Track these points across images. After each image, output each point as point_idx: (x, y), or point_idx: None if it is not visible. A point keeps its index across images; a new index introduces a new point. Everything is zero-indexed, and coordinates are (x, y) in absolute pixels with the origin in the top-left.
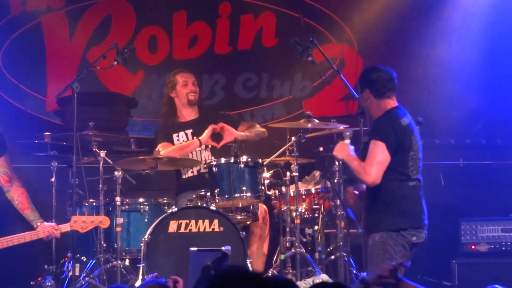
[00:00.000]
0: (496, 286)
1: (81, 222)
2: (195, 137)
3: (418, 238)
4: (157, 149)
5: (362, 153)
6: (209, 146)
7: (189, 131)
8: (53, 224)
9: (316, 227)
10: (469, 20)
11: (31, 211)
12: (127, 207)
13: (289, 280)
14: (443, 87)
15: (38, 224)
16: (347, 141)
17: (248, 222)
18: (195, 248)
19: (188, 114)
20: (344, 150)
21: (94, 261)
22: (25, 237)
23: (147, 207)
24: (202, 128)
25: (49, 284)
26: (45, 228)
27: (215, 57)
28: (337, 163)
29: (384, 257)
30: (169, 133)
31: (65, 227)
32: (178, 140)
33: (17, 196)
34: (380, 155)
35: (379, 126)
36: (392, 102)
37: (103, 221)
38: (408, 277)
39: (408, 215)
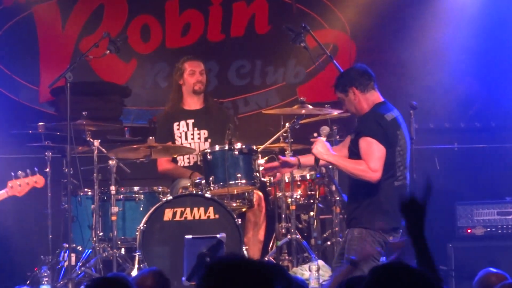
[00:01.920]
0: (491, 269)
1: (17, 186)
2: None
3: (395, 238)
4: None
5: (350, 150)
6: (208, 139)
7: (190, 121)
8: None
9: (311, 213)
10: (462, 3)
11: None
12: (122, 196)
13: (280, 266)
14: (436, 71)
15: None
16: (324, 138)
17: (244, 209)
18: (190, 236)
19: (193, 103)
20: (324, 149)
21: (90, 251)
22: None
23: (142, 196)
24: (204, 119)
25: (45, 274)
26: None
27: (208, 44)
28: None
29: (362, 253)
30: (170, 123)
31: (2, 195)
32: (178, 129)
33: None
34: (377, 150)
35: (364, 123)
36: (377, 95)
37: (37, 180)
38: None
39: (390, 216)
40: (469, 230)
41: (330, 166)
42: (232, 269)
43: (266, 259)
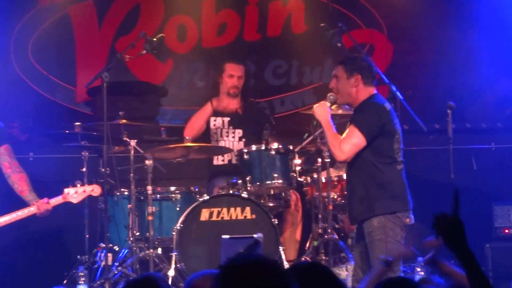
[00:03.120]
0: None
1: (74, 193)
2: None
3: (410, 220)
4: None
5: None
6: (243, 139)
7: (226, 119)
8: (45, 199)
9: None
10: (499, 3)
11: (29, 193)
12: (158, 196)
13: (323, 265)
14: (473, 71)
15: (34, 203)
16: (329, 103)
17: (280, 209)
18: (227, 236)
19: (228, 103)
20: (324, 111)
21: (126, 251)
22: (20, 214)
23: (179, 196)
24: (240, 118)
25: (82, 274)
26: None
27: (244, 44)
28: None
29: (387, 240)
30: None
31: (57, 200)
32: (214, 125)
33: (17, 181)
34: (356, 138)
35: (361, 114)
36: (373, 89)
37: (94, 189)
38: None
39: (399, 198)
40: (506, 231)
41: None
42: (246, 269)
43: (302, 259)
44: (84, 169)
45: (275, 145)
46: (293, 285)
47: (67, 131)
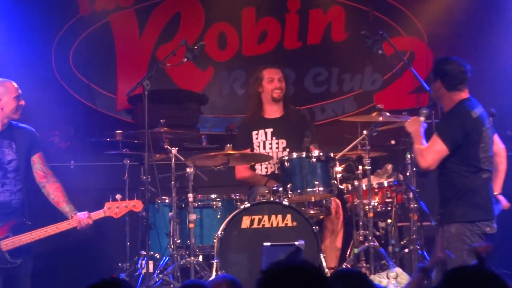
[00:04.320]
0: None
1: (115, 208)
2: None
3: (492, 229)
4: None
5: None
6: (287, 149)
7: (269, 130)
8: (85, 212)
9: (389, 221)
10: None
11: (66, 204)
12: (199, 203)
13: (362, 273)
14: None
15: (73, 215)
16: (422, 118)
17: (321, 217)
18: (269, 243)
19: (272, 111)
20: (416, 124)
21: (167, 258)
22: (60, 227)
23: (220, 203)
24: (283, 128)
25: None
26: (78, 218)
27: (284, 52)
28: (408, 155)
29: (462, 248)
30: (249, 131)
31: (99, 214)
32: (257, 138)
33: (52, 191)
34: (438, 146)
35: (444, 122)
36: (463, 94)
37: (136, 205)
38: None
39: (481, 207)
40: None
41: (409, 173)
42: (288, 274)
43: (344, 266)
44: (125, 177)
45: (316, 153)
46: None
47: (108, 139)
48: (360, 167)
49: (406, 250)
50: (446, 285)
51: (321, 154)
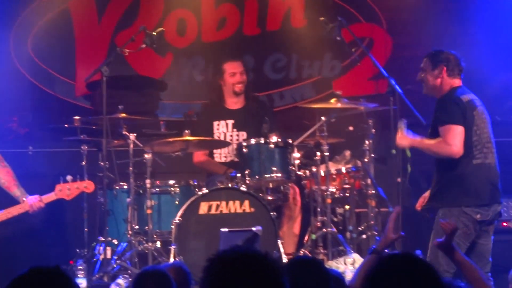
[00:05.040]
0: None
1: (66, 190)
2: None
3: (484, 215)
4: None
5: (432, 128)
6: (244, 135)
7: (230, 122)
8: (36, 196)
9: (347, 207)
10: None
11: (17, 188)
12: (157, 189)
13: (317, 260)
14: (472, 65)
15: (24, 199)
16: (404, 129)
17: (279, 203)
18: (226, 229)
19: (233, 103)
20: (406, 137)
21: (125, 244)
22: (11, 211)
23: (178, 189)
24: (244, 120)
25: (81, 267)
26: (30, 201)
27: (243, 38)
28: (367, 142)
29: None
30: (210, 120)
31: (50, 197)
32: (218, 129)
33: (3, 176)
34: (454, 129)
35: (443, 108)
36: (458, 82)
37: (87, 186)
38: None
39: (470, 194)
40: (505, 224)
41: (367, 160)
42: (234, 263)
43: (301, 252)
44: (83, 163)
45: (274, 139)
46: (283, 279)
47: (66, 125)
48: (318, 153)
49: (364, 236)
50: (377, 272)
51: (280, 140)
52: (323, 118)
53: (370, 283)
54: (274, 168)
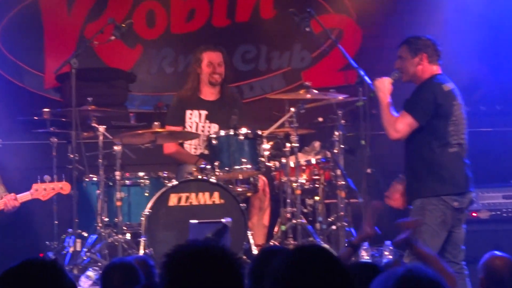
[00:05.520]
0: (496, 252)
1: (42, 190)
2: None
3: (461, 203)
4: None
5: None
6: (216, 127)
7: (203, 112)
8: (12, 194)
9: (316, 198)
10: None
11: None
12: (127, 181)
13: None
14: (442, 56)
15: (4, 197)
16: (392, 80)
17: (249, 194)
18: (196, 221)
19: (208, 93)
20: (385, 87)
21: (95, 236)
22: None
23: (148, 181)
24: (217, 112)
25: None
26: (4, 200)
27: (213, 30)
28: (336, 133)
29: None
30: (183, 109)
31: (26, 196)
32: (190, 118)
33: None
34: (409, 119)
35: (418, 93)
36: (438, 69)
37: (63, 187)
38: None
39: (447, 182)
40: (474, 214)
41: (336, 151)
42: (190, 258)
43: (271, 243)
44: (53, 155)
45: (243, 130)
46: (241, 274)
47: (35, 117)
48: (287, 144)
49: (334, 227)
50: (286, 265)
51: (249, 131)
52: (292, 109)
53: (278, 278)
54: (244, 160)
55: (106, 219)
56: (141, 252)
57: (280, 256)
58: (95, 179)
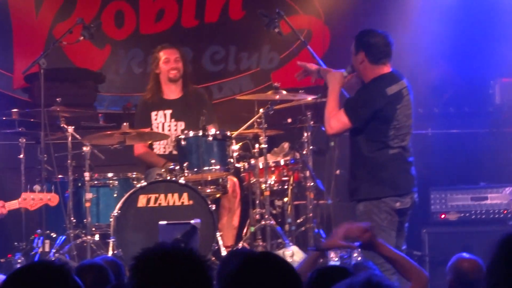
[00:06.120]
0: (464, 254)
1: (30, 200)
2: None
3: (402, 204)
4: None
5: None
6: (185, 131)
7: (168, 112)
8: (0, 202)
9: (285, 199)
10: None
11: None
12: (96, 182)
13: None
14: (410, 57)
15: None
16: (345, 74)
17: (218, 195)
18: (165, 222)
19: (171, 91)
20: (336, 80)
21: (64, 237)
22: None
23: (116, 182)
24: (182, 110)
25: (19, 261)
26: None
27: (182, 30)
28: (305, 134)
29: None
30: (148, 112)
31: (13, 205)
32: (156, 119)
33: None
34: (344, 118)
35: (357, 96)
36: (385, 69)
37: (51, 198)
38: None
39: (387, 184)
40: (443, 216)
41: (305, 152)
42: (156, 261)
43: (240, 245)
44: (21, 156)
45: (212, 131)
46: (209, 276)
47: (4, 118)
48: (256, 145)
49: (303, 229)
50: (238, 272)
51: (218, 132)
52: (261, 110)
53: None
54: (213, 161)
55: (75, 220)
56: (110, 253)
57: (233, 262)
58: (64, 180)
